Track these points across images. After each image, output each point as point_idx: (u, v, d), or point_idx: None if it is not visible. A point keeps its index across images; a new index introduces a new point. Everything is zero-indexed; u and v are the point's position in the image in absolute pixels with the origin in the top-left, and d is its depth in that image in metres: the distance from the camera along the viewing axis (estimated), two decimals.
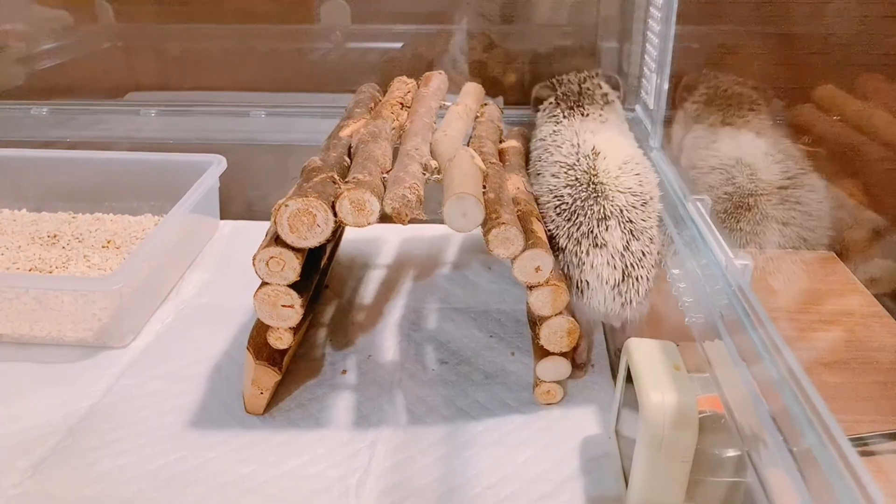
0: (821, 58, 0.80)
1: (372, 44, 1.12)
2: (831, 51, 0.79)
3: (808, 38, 0.80)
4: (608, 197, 0.62)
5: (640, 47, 0.85)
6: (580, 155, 0.65)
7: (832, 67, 0.78)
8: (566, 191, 0.63)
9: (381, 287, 0.82)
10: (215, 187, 0.90)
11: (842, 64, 0.78)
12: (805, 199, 0.71)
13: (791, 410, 0.38)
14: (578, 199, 0.62)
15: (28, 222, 0.91)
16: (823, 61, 0.80)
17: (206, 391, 0.65)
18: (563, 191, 0.64)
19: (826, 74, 0.78)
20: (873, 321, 0.71)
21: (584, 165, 0.64)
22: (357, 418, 0.62)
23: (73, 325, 0.69)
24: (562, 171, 0.65)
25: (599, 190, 0.62)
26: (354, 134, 0.68)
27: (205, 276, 0.84)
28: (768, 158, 0.71)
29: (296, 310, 0.56)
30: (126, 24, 1.13)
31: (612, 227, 0.61)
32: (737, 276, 0.50)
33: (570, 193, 0.63)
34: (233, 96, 1.10)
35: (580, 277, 0.61)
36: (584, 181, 0.63)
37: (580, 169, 0.64)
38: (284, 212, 0.53)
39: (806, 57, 0.80)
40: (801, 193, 0.71)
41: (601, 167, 0.63)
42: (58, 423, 0.61)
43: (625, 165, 0.64)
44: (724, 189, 0.70)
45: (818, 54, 0.80)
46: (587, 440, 0.59)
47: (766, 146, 0.73)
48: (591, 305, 0.62)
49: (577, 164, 0.64)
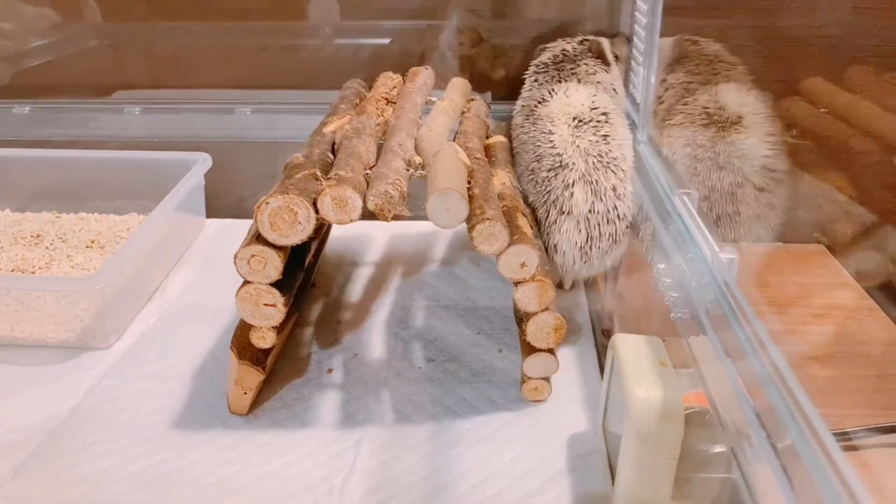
0: (810, 50, 0.80)
1: (360, 40, 1.11)
2: (819, 43, 0.78)
3: (797, 30, 0.80)
4: (568, 166, 0.66)
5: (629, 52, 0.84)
6: (539, 130, 0.69)
7: (822, 60, 0.78)
8: (535, 164, 0.69)
9: (369, 285, 0.82)
10: (200, 185, 0.89)
11: (831, 56, 0.77)
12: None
13: (775, 406, 0.37)
14: (543, 170, 0.68)
15: (11, 222, 0.90)
16: (813, 53, 0.79)
17: (189, 391, 0.64)
18: (532, 164, 0.69)
19: (815, 67, 0.78)
20: (864, 314, 0.71)
21: (543, 140, 0.69)
22: (343, 417, 0.61)
23: (56, 325, 0.68)
24: (530, 143, 0.70)
25: (559, 161, 0.67)
26: (338, 130, 0.67)
27: (190, 275, 0.83)
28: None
29: (278, 308, 0.55)
30: (113, 22, 1.12)
31: (577, 194, 0.66)
32: (722, 270, 0.49)
33: (538, 166, 0.68)
34: (218, 93, 1.09)
35: (550, 242, 0.68)
36: (546, 153, 0.68)
37: (543, 142, 0.69)
38: (265, 209, 0.52)
39: (795, 49, 0.80)
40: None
41: (558, 137, 0.67)
42: (38, 425, 0.60)
43: (583, 125, 0.68)
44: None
45: (808, 46, 0.80)
46: (574, 437, 0.58)
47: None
48: (560, 265, 0.69)
49: (539, 139, 0.69)
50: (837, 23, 0.77)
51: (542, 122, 0.69)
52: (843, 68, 0.74)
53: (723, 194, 0.69)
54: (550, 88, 0.73)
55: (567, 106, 0.69)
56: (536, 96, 0.73)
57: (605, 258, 0.69)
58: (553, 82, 0.75)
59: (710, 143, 0.70)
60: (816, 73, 0.77)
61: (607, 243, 0.67)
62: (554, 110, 0.69)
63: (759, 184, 0.69)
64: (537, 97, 0.72)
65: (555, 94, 0.71)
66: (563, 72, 0.76)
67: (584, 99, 0.70)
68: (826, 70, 0.76)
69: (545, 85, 0.75)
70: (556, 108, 0.69)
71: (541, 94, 0.73)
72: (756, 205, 0.70)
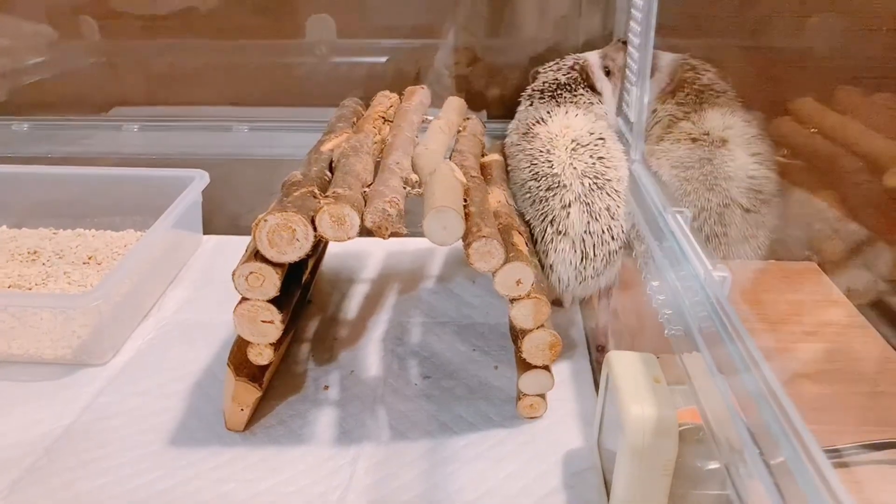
0: (800, 71, 0.81)
1: (357, 58, 1.12)
2: (808, 64, 0.79)
3: (787, 52, 0.81)
4: (565, 185, 0.67)
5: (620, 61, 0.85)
6: (537, 149, 0.70)
7: (811, 80, 0.79)
8: (531, 183, 0.69)
9: (365, 302, 0.82)
10: (198, 202, 0.90)
11: (821, 77, 0.79)
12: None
13: (767, 424, 0.38)
14: (541, 189, 0.68)
15: (7, 239, 0.90)
16: (802, 74, 0.81)
17: (186, 408, 0.64)
18: (529, 183, 0.70)
19: (805, 87, 0.79)
20: (855, 332, 0.72)
21: (541, 159, 0.69)
22: (339, 434, 0.61)
23: (52, 342, 0.68)
24: (527, 161, 0.71)
25: (557, 181, 0.67)
26: (336, 148, 0.68)
27: (187, 291, 0.83)
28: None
29: (276, 325, 0.56)
30: (111, 39, 1.12)
31: (573, 214, 0.67)
32: (715, 288, 0.50)
33: (535, 185, 0.69)
34: (216, 111, 1.09)
35: (546, 262, 0.69)
36: (544, 174, 0.68)
37: (540, 161, 0.69)
38: (264, 227, 0.53)
39: (785, 69, 0.81)
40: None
41: (556, 158, 0.68)
42: (34, 442, 0.60)
43: (580, 148, 0.69)
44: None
45: (797, 67, 0.81)
46: (570, 454, 0.59)
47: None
48: (555, 284, 0.70)
49: (537, 158, 0.70)
50: (826, 45, 0.79)
51: (539, 142, 0.70)
52: (832, 89, 0.76)
53: (711, 214, 0.70)
54: (548, 110, 0.74)
55: (566, 128, 0.70)
56: (534, 116, 0.74)
57: (599, 278, 0.69)
58: (551, 104, 0.76)
59: (698, 165, 0.71)
60: (806, 93, 0.79)
61: (602, 263, 0.68)
62: (553, 130, 0.70)
63: (745, 205, 0.70)
64: (535, 117, 0.73)
65: (554, 116, 0.72)
66: (559, 98, 0.77)
67: (584, 124, 0.71)
68: (815, 90, 0.78)
69: (543, 106, 0.76)
70: (556, 129, 0.70)
71: (539, 114, 0.74)
72: (744, 225, 0.71)
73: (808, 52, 0.79)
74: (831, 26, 0.76)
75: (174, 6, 1.07)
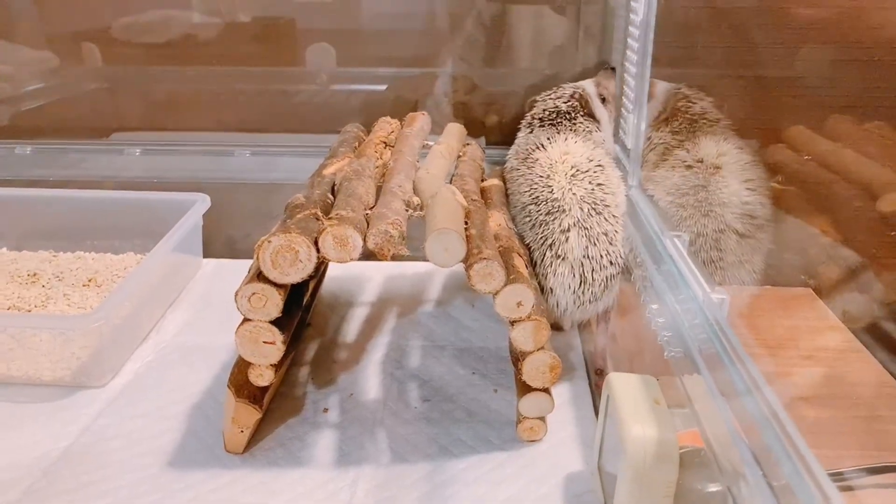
0: (793, 99, 0.83)
1: (357, 86, 1.14)
2: (801, 93, 0.81)
3: (781, 81, 0.83)
4: (564, 210, 0.68)
5: (618, 88, 0.87)
6: (536, 174, 0.71)
7: (804, 109, 0.81)
8: (531, 207, 0.70)
9: (364, 324, 0.82)
10: (198, 226, 0.90)
11: (813, 105, 0.80)
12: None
13: (770, 445, 0.38)
14: (541, 214, 0.69)
15: (8, 261, 0.90)
16: (794, 103, 0.82)
17: (185, 430, 0.64)
18: (529, 207, 0.71)
19: (798, 115, 0.81)
20: (852, 357, 0.72)
21: (540, 184, 0.70)
22: (339, 457, 0.61)
23: (52, 364, 0.68)
24: (526, 185, 0.72)
25: (556, 206, 0.69)
26: (338, 172, 0.68)
27: (186, 314, 0.83)
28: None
29: (277, 346, 0.56)
30: (113, 65, 1.14)
31: (572, 239, 0.68)
32: (714, 310, 0.50)
33: (535, 209, 0.70)
34: (218, 136, 1.10)
35: (545, 286, 0.69)
36: (543, 198, 0.70)
37: (540, 186, 0.70)
38: (267, 248, 0.53)
39: (778, 98, 0.83)
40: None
41: (556, 183, 0.70)
42: (31, 464, 0.59)
43: (579, 174, 0.70)
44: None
45: (790, 96, 0.83)
46: (570, 477, 0.58)
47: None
48: (553, 307, 0.70)
49: (537, 182, 0.71)
50: (818, 74, 0.80)
51: (540, 167, 0.71)
52: (825, 117, 0.77)
53: (707, 240, 0.72)
54: (548, 136, 0.75)
55: (566, 154, 0.72)
56: (534, 142, 0.75)
57: (598, 303, 0.70)
58: (551, 131, 0.77)
59: (693, 192, 0.73)
60: (799, 121, 0.80)
61: (600, 288, 0.69)
62: (553, 156, 0.72)
63: (740, 230, 0.71)
64: (535, 143, 0.75)
65: (554, 142, 0.74)
66: (559, 125, 0.78)
67: (583, 150, 0.72)
68: (808, 119, 0.79)
69: (542, 132, 0.77)
70: (556, 155, 0.72)
71: (539, 140, 0.75)
72: (739, 250, 0.72)
73: (801, 81, 0.80)
74: (823, 57, 0.78)
75: (174, 34, 1.08)
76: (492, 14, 1.05)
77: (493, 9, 1.05)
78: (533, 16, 1.06)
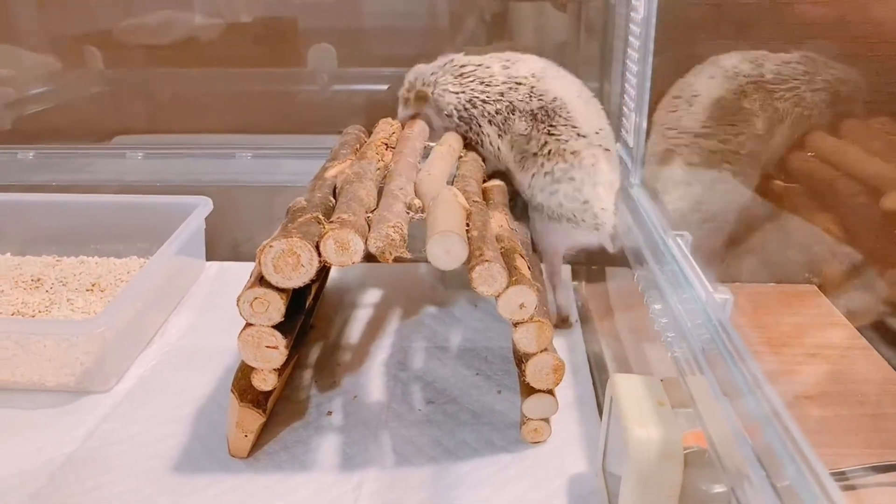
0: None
1: (358, 86, 1.14)
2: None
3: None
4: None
5: (619, 87, 0.87)
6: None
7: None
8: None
9: (368, 327, 0.82)
10: (201, 229, 0.90)
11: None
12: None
13: (773, 446, 0.38)
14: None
15: (11, 266, 0.90)
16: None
17: (189, 435, 0.64)
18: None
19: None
20: (857, 354, 0.72)
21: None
22: (343, 460, 0.61)
23: (56, 369, 0.68)
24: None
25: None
26: (339, 174, 0.68)
27: (190, 317, 0.83)
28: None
29: (280, 351, 0.56)
30: (114, 69, 1.14)
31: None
32: (717, 310, 0.50)
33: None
34: (219, 139, 1.10)
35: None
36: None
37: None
38: (269, 252, 0.53)
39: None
40: None
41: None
42: (36, 470, 0.59)
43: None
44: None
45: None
46: (574, 478, 0.58)
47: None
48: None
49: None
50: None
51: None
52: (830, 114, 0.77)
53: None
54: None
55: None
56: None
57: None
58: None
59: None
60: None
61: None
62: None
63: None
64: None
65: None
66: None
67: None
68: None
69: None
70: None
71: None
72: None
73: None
74: (827, 53, 0.77)
75: (175, 35, 1.08)
76: (493, 12, 1.05)
77: (494, 6, 1.05)
78: (534, 13, 1.05)
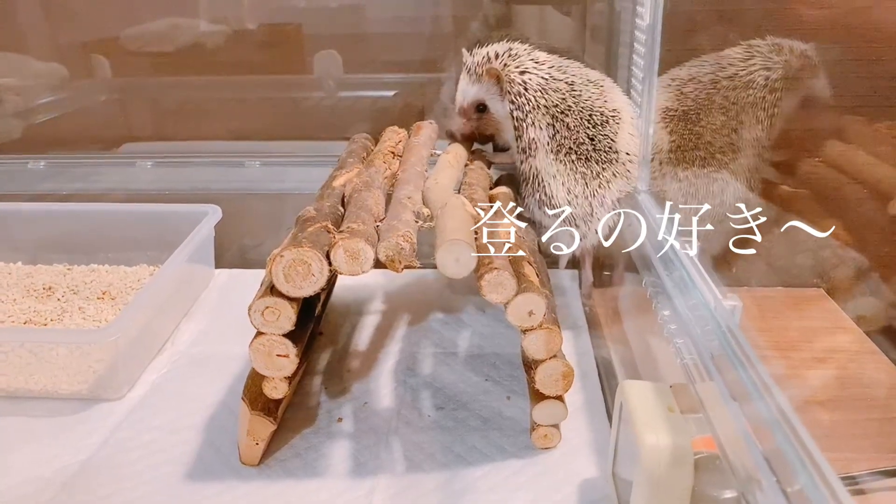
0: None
1: (364, 92, 1.14)
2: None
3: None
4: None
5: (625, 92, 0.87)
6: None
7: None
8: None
9: (376, 333, 0.83)
10: (210, 237, 0.91)
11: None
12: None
13: (783, 451, 0.38)
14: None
15: (23, 275, 0.91)
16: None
17: (201, 442, 0.64)
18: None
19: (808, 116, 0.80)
20: (866, 358, 0.72)
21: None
22: (354, 466, 0.61)
23: (69, 377, 0.69)
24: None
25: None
26: (347, 183, 0.69)
27: (200, 325, 0.84)
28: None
29: (291, 359, 0.56)
30: (123, 77, 1.15)
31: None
32: (726, 316, 0.50)
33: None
34: (228, 146, 1.11)
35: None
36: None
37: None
38: (279, 262, 0.54)
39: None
40: None
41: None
42: (50, 477, 0.60)
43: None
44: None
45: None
46: (585, 483, 0.59)
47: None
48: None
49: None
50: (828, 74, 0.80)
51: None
52: (836, 118, 0.77)
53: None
54: None
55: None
56: None
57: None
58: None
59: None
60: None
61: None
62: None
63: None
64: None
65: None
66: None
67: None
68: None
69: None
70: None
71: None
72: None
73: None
74: (830, 56, 0.78)
75: (182, 42, 1.09)
76: (497, 16, 1.05)
77: (498, 10, 1.05)
78: (539, 18, 1.06)
